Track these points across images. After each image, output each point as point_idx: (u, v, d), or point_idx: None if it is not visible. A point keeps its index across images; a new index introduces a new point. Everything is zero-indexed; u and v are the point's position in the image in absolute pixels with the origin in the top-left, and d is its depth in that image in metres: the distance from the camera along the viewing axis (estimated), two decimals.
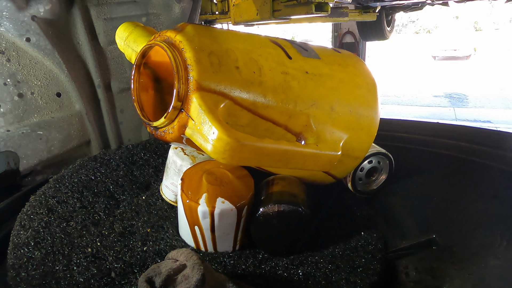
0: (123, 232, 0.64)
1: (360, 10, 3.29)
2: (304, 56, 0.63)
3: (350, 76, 0.69)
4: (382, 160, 0.78)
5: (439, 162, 0.87)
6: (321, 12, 1.58)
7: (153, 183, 0.80)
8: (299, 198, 0.59)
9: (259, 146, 0.47)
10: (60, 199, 0.71)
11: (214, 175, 0.59)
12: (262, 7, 1.71)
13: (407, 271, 0.60)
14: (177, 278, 0.44)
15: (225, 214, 0.55)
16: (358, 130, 0.67)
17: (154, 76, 0.61)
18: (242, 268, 0.56)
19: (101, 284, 0.53)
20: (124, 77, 1.00)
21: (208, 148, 0.45)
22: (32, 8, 0.80)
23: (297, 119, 0.59)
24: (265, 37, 0.62)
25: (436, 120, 1.02)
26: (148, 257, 0.58)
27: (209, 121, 0.45)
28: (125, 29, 0.65)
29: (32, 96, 0.85)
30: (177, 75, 0.48)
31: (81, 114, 0.94)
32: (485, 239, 0.58)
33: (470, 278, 0.53)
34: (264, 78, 0.54)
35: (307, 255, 0.59)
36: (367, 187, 0.79)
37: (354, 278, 0.54)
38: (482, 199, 0.68)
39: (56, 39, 0.85)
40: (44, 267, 0.55)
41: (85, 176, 0.79)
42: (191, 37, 0.50)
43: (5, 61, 0.81)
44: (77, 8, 0.87)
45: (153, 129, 0.54)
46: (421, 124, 1.06)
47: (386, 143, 0.83)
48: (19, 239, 0.61)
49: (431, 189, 0.77)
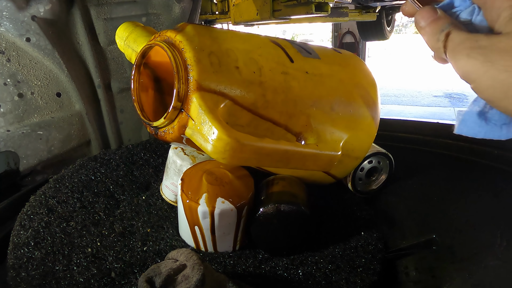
0: (123, 232, 0.64)
1: (360, 10, 3.29)
2: (304, 56, 0.63)
3: (350, 76, 0.69)
4: (382, 160, 0.78)
5: (439, 162, 0.87)
6: (321, 12, 1.58)
7: (153, 183, 0.80)
8: (299, 198, 0.59)
9: (259, 146, 0.47)
10: (60, 199, 0.71)
11: (214, 175, 0.59)
12: (262, 7, 1.71)
13: (407, 271, 0.60)
14: (177, 278, 0.44)
15: (225, 214, 0.55)
16: (358, 130, 0.67)
17: (154, 76, 0.61)
18: (242, 268, 0.56)
19: (101, 284, 0.53)
20: (124, 77, 1.00)
21: (208, 148, 0.45)
22: (32, 8, 0.80)
23: (297, 119, 0.59)
24: (265, 37, 0.62)
25: (436, 120, 1.02)
26: (148, 257, 0.58)
27: (209, 121, 0.45)
28: (125, 29, 0.65)
29: (32, 96, 0.85)
30: (177, 75, 0.48)
31: (81, 114, 0.94)
32: (485, 239, 0.58)
33: (470, 278, 0.53)
34: (264, 78, 0.54)
35: (307, 255, 0.59)
36: (367, 187, 0.79)
37: (354, 278, 0.54)
38: (482, 199, 0.68)
39: (56, 39, 0.85)
40: (44, 267, 0.55)
41: (85, 176, 0.79)
42: (191, 37, 0.50)
43: (5, 61, 0.81)
44: (77, 8, 0.87)
45: (153, 129, 0.54)
46: (421, 124, 1.06)
47: (386, 143, 0.83)
48: (19, 239, 0.61)
49: (431, 189, 0.77)
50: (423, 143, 0.97)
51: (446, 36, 0.30)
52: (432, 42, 0.32)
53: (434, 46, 0.32)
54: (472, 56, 0.28)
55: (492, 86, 0.27)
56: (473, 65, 0.28)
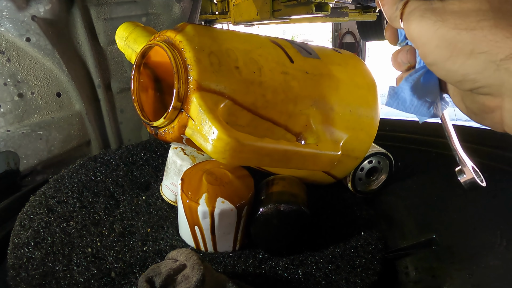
0: (123, 232, 0.64)
1: (360, 10, 3.29)
2: (304, 56, 0.63)
3: (350, 76, 0.69)
4: (382, 160, 0.78)
5: (439, 162, 0.87)
6: (321, 12, 1.58)
7: (153, 183, 0.80)
8: (299, 198, 0.59)
9: (259, 146, 0.47)
10: (60, 199, 0.71)
11: (214, 175, 0.59)
12: (262, 7, 1.71)
13: (407, 271, 0.60)
14: (177, 278, 0.44)
15: (225, 214, 0.55)
16: (358, 130, 0.67)
17: (154, 76, 0.61)
18: (242, 268, 0.56)
19: (101, 284, 0.53)
20: (124, 77, 1.00)
21: (208, 148, 0.45)
22: (32, 8, 0.80)
23: (297, 119, 0.59)
24: (265, 37, 0.62)
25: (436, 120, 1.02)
26: (148, 257, 0.58)
27: (209, 121, 0.45)
28: (125, 29, 0.65)
29: (32, 96, 0.85)
30: (177, 75, 0.48)
31: (81, 114, 0.94)
32: (485, 239, 0.58)
33: (470, 278, 0.53)
34: (264, 78, 0.54)
35: (307, 255, 0.59)
36: (367, 187, 0.79)
37: (354, 278, 0.54)
38: (482, 199, 0.68)
39: (56, 39, 0.85)
40: (44, 267, 0.55)
41: (85, 176, 0.79)
42: (191, 37, 0.50)
43: (5, 61, 0.81)
44: (77, 8, 0.87)
45: (153, 129, 0.54)
46: (421, 124, 1.06)
47: (386, 143, 0.83)
48: (19, 239, 0.61)
49: (431, 189, 0.77)
50: (423, 143, 0.97)
51: (404, 4, 0.32)
52: (391, 12, 0.34)
53: (392, 16, 0.34)
54: (425, 17, 0.29)
55: (439, 45, 0.29)
56: (424, 25, 0.29)
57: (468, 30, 0.27)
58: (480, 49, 0.27)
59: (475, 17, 0.27)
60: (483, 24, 0.26)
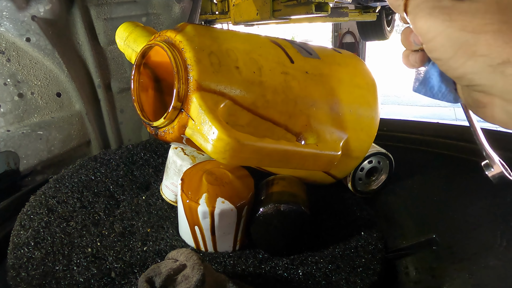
0: (123, 232, 0.64)
1: (360, 10, 3.29)
2: (304, 56, 0.63)
3: (350, 76, 0.69)
4: (382, 160, 0.78)
5: (439, 162, 0.87)
6: (321, 12, 1.58)
7: (153, 183, 0.80)
8: (299, 198, 0.59)
9: (259, 146, 0.47)
10: (60, 199, 0.71)
11: (214, 175, 0.59)
12: (262, 7, 1.71)
13: (407, 271, 0.60)
14: (177, 278, 0.44)
15: (225, 214, 0.55)
16: (358, 130, 0.67)
17: (154, 76, 0.61)
18: (242, 268, 0.56)
19: (101, 284, 0.53)
20: (124, 77, 1.00)
21: (208, 148, 0.45)
22: (32, 8, 0.80)
23: (297, 119, 0.59)
24: (265, 37, 0.62)
25: (436, 120, 1.03)
26: (148, 257, 0.58)
27: (209, 121, 0.45)
28: (125, 29, 0.65)
29: (32, 96, 0.85)
30: (177, 75, 0.48)
31: (81, 114, 0.94)
32: (485, 239, 0.58)
33: (470, 278, 0.53)
34: (264, 78, 0.54)
35: (307, 255, 0.59)
36: (367, 187, 0.79)
37: (354, 278, 0.54)
38: (482, 199, 0.68)
39: (56, 39, 0.85)
40: (44, 267, 0.55)
41: (85, 176, 0.79)
42: (191, 37, 0.50)
43: (5, 61, 0.81)
44: (77, 8, 0.87)
45: (153, 129, 0.54)
46: (421, 124, 1.06)
47: (386, 143, 0.83)
48: (19, 239, 0.61)
49: (431, 189, 0.77)
50: (423, 143, 0.97)
51: None
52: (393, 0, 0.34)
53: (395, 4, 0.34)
54: (434, 15, 0.30)
55: (445, 44, 0.29)
56: (432, 23, 0.30)
57: (474, 33, 0.28)
58: (480, 52, 0.28)
59: (482, 20, 0.28)
60: (487, 28, 0.28)
